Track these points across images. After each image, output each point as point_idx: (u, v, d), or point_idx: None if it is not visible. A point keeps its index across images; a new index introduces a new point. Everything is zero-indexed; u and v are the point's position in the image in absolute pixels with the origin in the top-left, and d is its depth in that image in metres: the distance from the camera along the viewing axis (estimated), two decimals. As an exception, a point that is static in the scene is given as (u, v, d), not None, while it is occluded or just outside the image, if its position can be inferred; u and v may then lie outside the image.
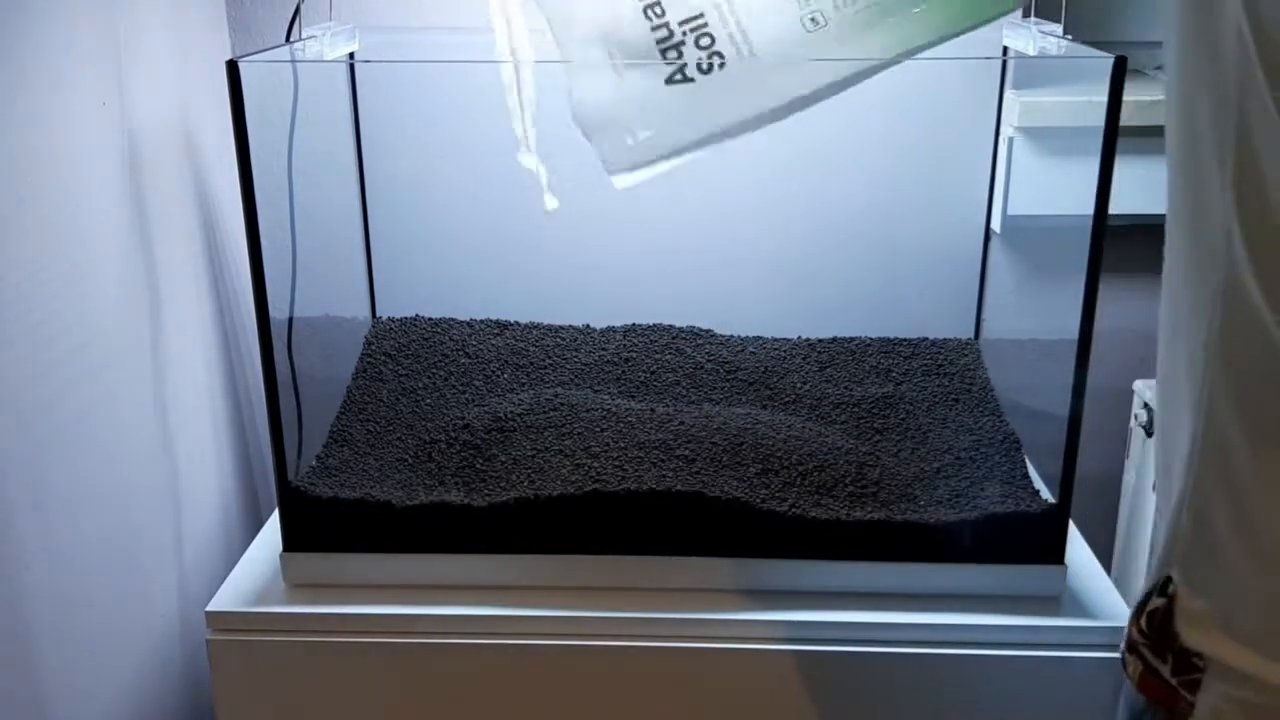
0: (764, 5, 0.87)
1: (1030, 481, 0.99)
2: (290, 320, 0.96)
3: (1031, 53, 1.03)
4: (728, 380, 1.13)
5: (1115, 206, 0.87)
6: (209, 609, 0.92)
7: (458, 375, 1.14)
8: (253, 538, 1.03)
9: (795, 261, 1.24)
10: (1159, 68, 1.31)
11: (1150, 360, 1.32)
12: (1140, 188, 1.21)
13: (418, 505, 0.93)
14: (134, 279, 0.98)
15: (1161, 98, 0.64)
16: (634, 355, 1.16)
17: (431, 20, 1.19)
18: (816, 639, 0.90)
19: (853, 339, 1.22)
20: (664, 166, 0.92)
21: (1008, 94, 1.17)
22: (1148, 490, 1.23)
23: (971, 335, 1.25)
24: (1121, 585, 1.27)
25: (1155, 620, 0.63)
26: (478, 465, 0.99)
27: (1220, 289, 0.58)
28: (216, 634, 0.92)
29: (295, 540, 0.95)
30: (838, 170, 1.21)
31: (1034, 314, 1.26)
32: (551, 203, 0.97)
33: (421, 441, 1.02)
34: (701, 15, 0.86)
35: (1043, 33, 1.02)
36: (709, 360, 1.16)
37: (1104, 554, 1.29)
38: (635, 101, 0.91)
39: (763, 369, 1.15)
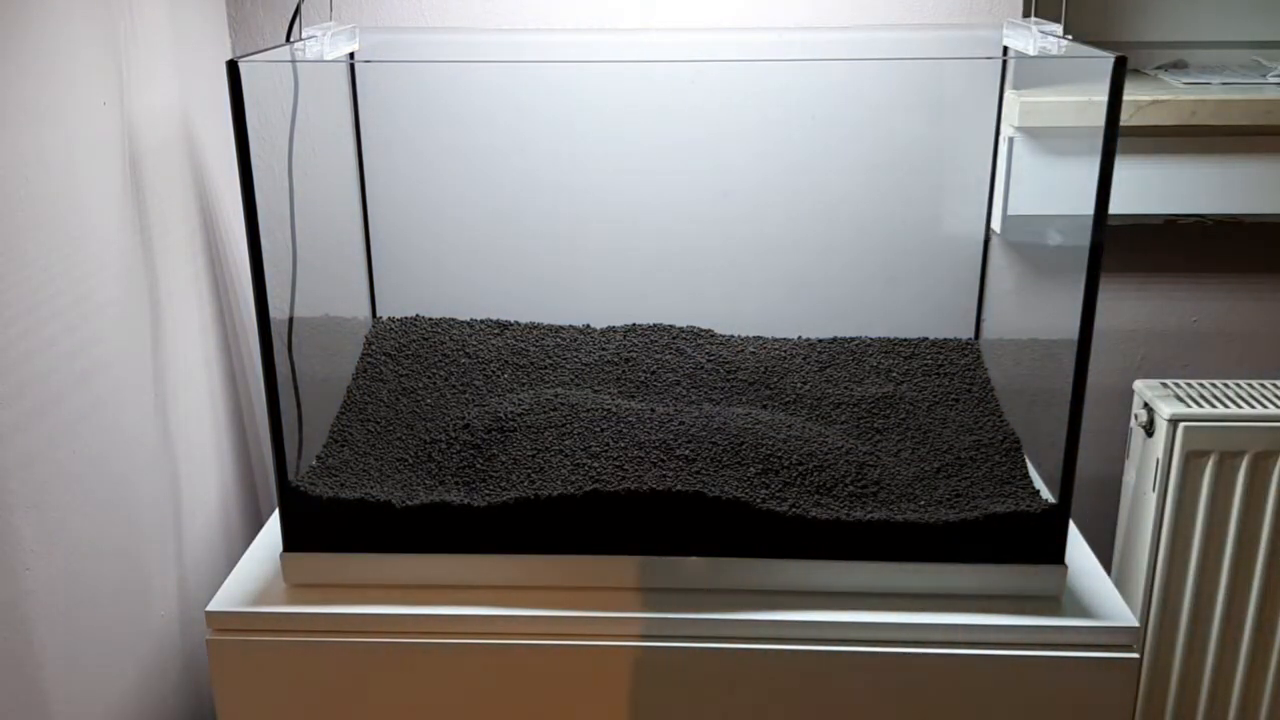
0: None
1: (1030, 481, 0.99)
2: (290, 320, 0.96)
3: (1031, 53, 1.03)
4: (728, 380, 1.13)
5: (1115, 206, 0.87)
6: (209, 609, 0.92)
7: (458, 375, 1.14)
8: (253, 538, 1.03)
9: (795, 261, 1.24)
10: (1159, 67, 1.31)
11: (1150, 360, 1.32)
12: (1140, 188, 1.21)
13: (418, 505, 0.93)
14: (134, 279, 0.98)
15: (1162, 97, 0.63)
16: (634, 355, 1.16)
17: (431, 20, 1.19)
18: (816, 639, 0.90)
19: (853, 339, 1.22)
20: None
21: (1008, 94, 1.17)
22: (1148, 490, 1.23)
23: (971, 335, 1.25)
24: (1121, 585, 1.27)
25: None
26: (478, 465, 0.99)
27: None
28: (216, 634, 0.92)
29: (295, 540, 0.95)
30: (838, 170, 1.21)
31: (1034, 314, 1.26)
32: None
33: (421, 441, 1.02)
34: None
35: (1043, 33, 1.02)
36: (709, 360, 1.16)
37: (1104, 554, 1.30)
38: None
39: (763, 369, 1.15)
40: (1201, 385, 1.24)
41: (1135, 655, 0.89)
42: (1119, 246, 1.26)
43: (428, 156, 1.22)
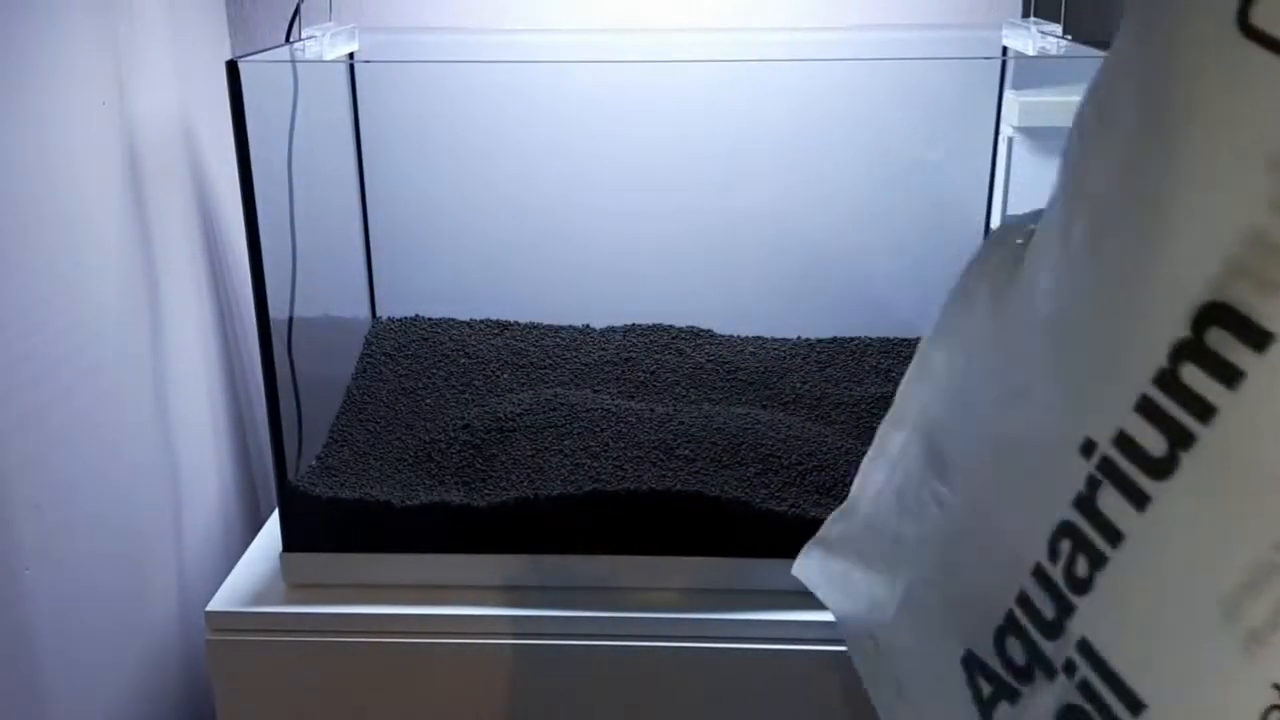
0: None
1: (1030, 481, 0.98)
2: (290, 320, 0.96)
3: (1031, 53, 1.03)
4: (728, 380, 1.13)
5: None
6: (208, 609, 0.92)
7: (458, 375, 1.14)
8: (252, 538, 1.03)
9: (795, 261, 1.24)
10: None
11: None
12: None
13: (417, 505, 0.93)
14: (134, 279, 0.98)
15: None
16: (634, 355, 1.16)
17: (431, 20, 1.19)
18: (816, 639, 0.90)
19: (853, 339, 1.22)
20: None
21: (1007, 94, 1.17)
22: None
23: (971, 335, 1.25)
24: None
25: None
26: (477, 465, 0.99)
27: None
28: (216, 634, 0.92)
29: (295, 540, 0.94)
30: (838, 170, 1.21)
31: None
32: None
33: (421, 442, 1.02)
34: None
35: (1042, 33, 1.02)
36: (709, 360, 1.16)
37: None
38: None
39: (763, 369, 1.15)
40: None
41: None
42: (1119, 246, 1.26)
43: (427, 157, 1.22)
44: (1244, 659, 0.43)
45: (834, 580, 0.76)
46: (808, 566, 0.79)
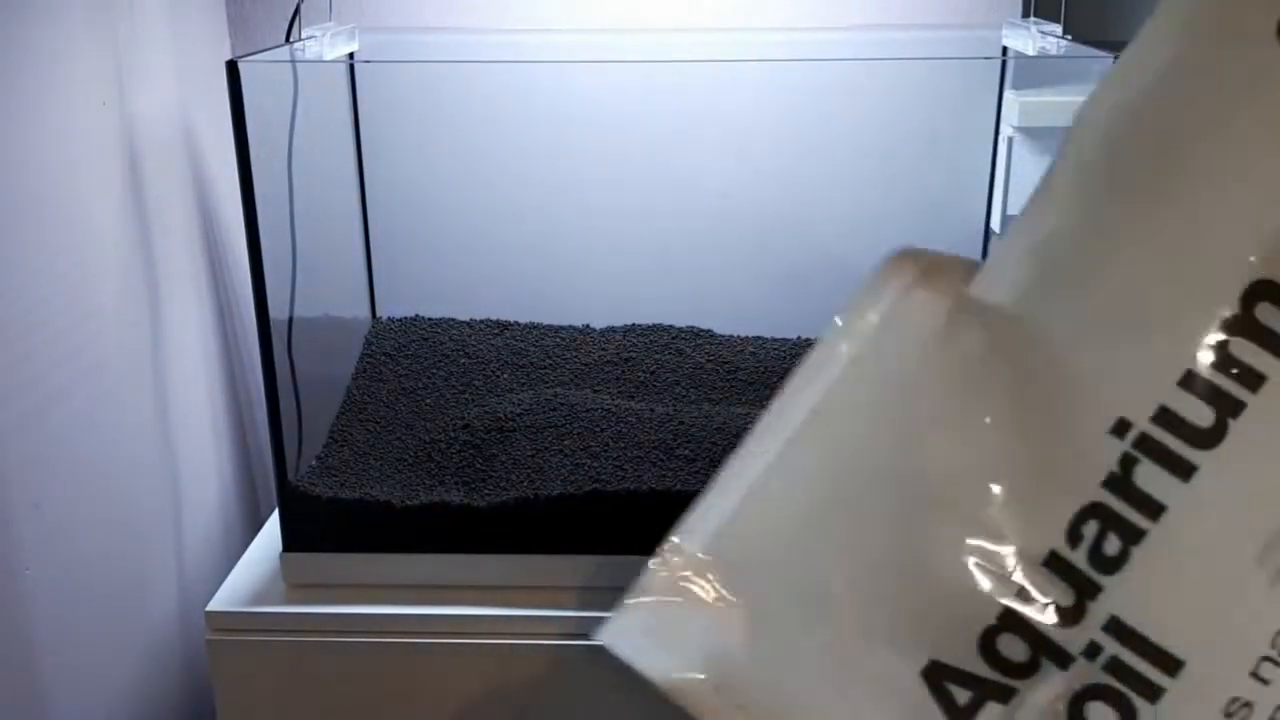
0: None
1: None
2: (290, 320, 0.96)
3: (1031, 53, 1.03)
4: (728, 380, 1.13)
5: (1115, 206, 0.86)
6: (208, 609, 0.92)
7: (458, 375, 1.14)
8: (253, 538, 1.03)
9: (796, 262, 1.24)
10: (1159, 68, 1.30)
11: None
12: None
13: (417, 505, 0.93)
14: (134, 279, 0.98)
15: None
16: (634, 355, 1.16)
17: (431, 20, 1.19)
18: (816, 639, 0.90)
19: (853, 339, 1.22)
20: None
21: (1007, 94, 1.17)
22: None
23: (971, 335, 1.24)
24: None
25: None
26: (478, 465, 0.99)
27: None
28: (216, 634, 0.92)
29: (295, 540, 0.95)
30: (837, 170, 1.21)
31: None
32: None
33: (421, 441, 1.02)
34: None
35: (1042, 33, 1.02)
36: (709, 360, 1.16)
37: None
38: None
39: (763, 369, 1.15)
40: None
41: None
42: (1119, 246, 1.26)
43: (427, 157, 1.22)
44: (1270, 591, 0.48)
45: (660, 633, 0.62)
46: (628, 630, 0.63)
